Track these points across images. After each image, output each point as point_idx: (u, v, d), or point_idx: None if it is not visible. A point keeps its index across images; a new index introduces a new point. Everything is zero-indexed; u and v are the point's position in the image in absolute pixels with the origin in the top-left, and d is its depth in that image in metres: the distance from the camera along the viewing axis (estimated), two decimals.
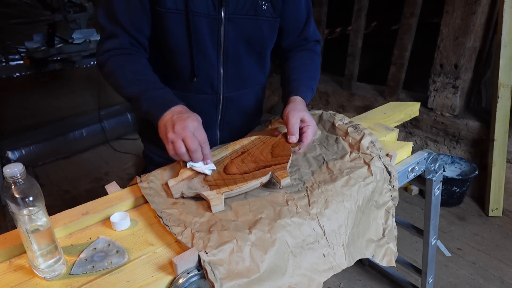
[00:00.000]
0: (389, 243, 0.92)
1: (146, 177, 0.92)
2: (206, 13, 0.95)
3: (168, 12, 0.94)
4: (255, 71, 1.13)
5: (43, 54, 2.76)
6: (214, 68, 1.04)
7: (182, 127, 0.83)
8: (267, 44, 1.10)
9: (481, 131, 2.40)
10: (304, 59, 1.13)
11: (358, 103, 3.04)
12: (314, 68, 1.14)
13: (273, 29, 1.08)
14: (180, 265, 0.65)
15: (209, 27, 0.98)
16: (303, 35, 1.15)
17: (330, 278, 0.97)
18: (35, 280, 0.67)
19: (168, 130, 0.84)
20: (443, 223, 2.29)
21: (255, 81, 1.15)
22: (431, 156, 1.13)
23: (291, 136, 0.94)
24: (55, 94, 3.19)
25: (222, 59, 1.03)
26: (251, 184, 0.84)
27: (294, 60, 1.13)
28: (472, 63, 2.38)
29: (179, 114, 0.86)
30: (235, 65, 1.06)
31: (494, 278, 1.87)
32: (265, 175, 0.85)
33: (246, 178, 0.85)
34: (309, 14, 1.14)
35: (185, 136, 0.83)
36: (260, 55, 1.11)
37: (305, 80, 1.07)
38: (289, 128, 0.94)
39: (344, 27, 4.43)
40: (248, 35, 1.03)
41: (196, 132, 0.84)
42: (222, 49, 1.02)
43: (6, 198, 0.60)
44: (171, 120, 0.85)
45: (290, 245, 0.75)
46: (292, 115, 0.94)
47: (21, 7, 3.03)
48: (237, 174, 0.88)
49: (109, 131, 3.42)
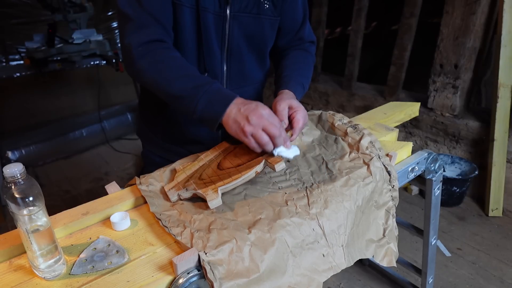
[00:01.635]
0: (390, 243, 0.92)
1: (145, 179, 0.92)
2: (213, 9, 0.96)
3: (182, 6, 0.93)
4: (256, 69, 1.14)
5: (43, 54, 2.76)
6: (218, 65, 1.05)
7: (257, 117, 0.81)
8: (268, 42, 1.11)
9: (481, 131, 2.40)
10: (297, 57, 1.15)
11: (358, 103, 3.04)
12: (306, 67, 1.15)
13: (274, 28, 1.09)
14: (180, 265, 0.65)
15: (215, 24, 0.98)
16: (298, 35, 1.17)
17: (330, 278, 0.97)
18: (35, 280, 0.67)
19: (243, 124, 0.81)
20: (443, 223, 2.29)
21: (256, 79, 1.16)
22: (431, 156, 1.13)
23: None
24: (55, 94, 3.20)
25: (226, 56, 1.04)
26: (245, 175, 0.83)
27: (287, 58, 1.14)
28: (472, 63, 2.38)
29: (246, 106, 0.83)
30: (237, 62, 1.07)
31: (494, 278, 1.87)
32: (258, 163, 0.85)
33: (240, 170, 0.85)
34: (306, 15, 1.15)
35: (264, 125, 0.81)
36: (261, 53, 1.12)
37: (296, 77, 1.08)
38: (277, 115, 0.92)
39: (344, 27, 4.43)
40: (250, 33, 1.04)
41: (270, 118, 0.83)
42: (226, 46, 1.02)
43: (6, 198, 0.60)
44: (241, 113, 0.82)
45: (289, 245, 0.75)
46: (279, 104, 0.93)
47: (21, 7, 3.04)
48: (231, 168, 0.88)
49: (109, 131, 3.42)
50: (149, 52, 0.89)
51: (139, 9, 0.88)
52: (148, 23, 0.89)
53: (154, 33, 0.89)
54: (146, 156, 1.23)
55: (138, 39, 0.89)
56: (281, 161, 0.85)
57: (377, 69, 4.01)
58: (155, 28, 0.90)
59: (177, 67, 0.89)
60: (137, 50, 0.89)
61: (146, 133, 1.22)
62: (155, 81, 0.89)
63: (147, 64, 0.89)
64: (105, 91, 3.24)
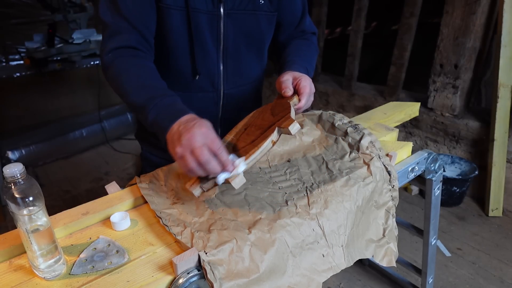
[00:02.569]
0: (389, 243, 0.92)
1: (146, 177, 0.92)
2: (205, 9, 0.95)
3: (169, 8, 0.92)
4: (253, 66, 1.13)
5: (43, 54, 2.76)
6: (214, 65, 1.03)
7: (188, 138, 0.72)
8: (265, 38, 1.09)
9: (481, 131, 2.40)
10: (300, 45, 1.13)
11: (358, 103, 3.04)
12: (309, 54, 1.13)
13: (271, 23, 1.08)
14: (180, 265, 0.65)
15: (209, 24, 0.97)
16: (299, 28, 1.15)
17: (330, 278, 0.97)
18: (35, 280, 0.67)
19: (176, 145, 0.73)
20: (443, 223, 2.29)
21: (254, 76, 1.15)
22: (431, 156, 1.13)
23: (285, 89, 0.90)
24: (55, 94, 3.19)
25: (222, 56, 1.03)
26: (262, 147, 0.78)
27: (290, 46, 1.13)
28: (472, 63, 2.38)
29: (185, 124, 0.75)
30: (234, 61, 1.06)
31: (494, 278, 1.87)
32: (272, 132, 0.79)
33: (255, 144, 0.80)
34: (305, 7, 1.14)
35: (192, 147, 0.71)
36: (258, 50, 1.10)
37: (300, 61, 1.05)
38: (282, 84, 0.90)
39: (344, 27, 4.42)
40: (247, 30, 1.03)
41: (206, 139, 0.72)
42: (222, 45, 1.01)
43: (6, 198, 0.60)
44: (178, 132, 0.75)
45: (289, 245, 0.75)
46: (282, 76, 0.92)
47: (21, 7, 3.04)
48: (245, 146, 0.84)
49: (109, 131, 3.42)
50: (115, 59, 0.88)
51: (117, 16, 0.88)
52: (123, 29, 0.88)
53: (126, 39, 0.88)
54: (145, 158, 1.23)
55: (109, 45, 0.88)
56: (294, 121, 0.79)
57: (377, 69, 4.01)
58: (129, 35, 0.89)
59: (137, 77, 0.87)
60: (107, 57, 0.88)
61: (143, 135, 1.22)
62: (118, 89, 0.88)
63: (111, 72, 0.88)
64: (105, 91, 3.24)
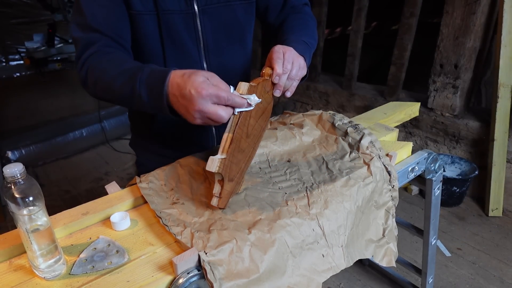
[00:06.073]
0: (389, 243, 0.92)
1: (146, 177, 0.92)
2: (178, 9, 0.92)
3: (140, 14, 0.90)
4: (237, 59, 1.09)
5: (43, 54, 2.76)
6: (197, 64, 1.01)
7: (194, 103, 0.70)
8: (245, 29, 1.06)
9: (481, 131, 2.40)
10: (293, 20, 1.08)
11: (358, 103, 3.04)
12: (305, 25, 1.07)
13: (249, 12, 1.05)
14: (180, 265, 0.65)
15: (185, 23, 0.95)
16: (288, 5, 1.11)
17: (330, 278, 0.97)
18: (35, 280, 0.67)
19: (188, 115, 0.73)
20: (443, 223, 2.29)
21: (240, 70, 1.12)
22: (431, 156, 1.13)
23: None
24: (55, 94, 3.19)
25: (203, 53, 1.00)
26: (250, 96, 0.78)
27: (283, 25, 1.08)
28: (472, 63, 2.38)
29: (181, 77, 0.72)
30: (217, 56, 1.03)
31: (494, 278, 1.87)
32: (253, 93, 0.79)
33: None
34: None
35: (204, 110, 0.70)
36: (240, 42, 1.07)
37: (294, 38, 0.98)
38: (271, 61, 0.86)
39: (344, 27, 4.43)
40: (225, 23, 1.00)
41: (212, 79, 0.72)
42: (202, 43, 0.99)
43: (6, 198, 0.60)
44: (178, 88, 0.72)
45: (289, 245, 0.75)
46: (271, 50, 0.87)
47: (21, 7, 3.04)
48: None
49: (109, 131, 3.42)
50: (87, 68, 0.85)
51: (87, 29, 0.87)
52: (94, 39, 0.87)
53: (98, 45, 0.87)
54: (141, 165, 1.20)
55: (82, 58, 0.87)
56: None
57: (377, 69, 4.01)
58: (100, 42, 0.87)
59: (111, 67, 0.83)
60: (80, 72, 0.87)
61: (139, 142, 1.20)
62: (102, 92, 0.85)
63: (90, 81, 0.86)
64: None
